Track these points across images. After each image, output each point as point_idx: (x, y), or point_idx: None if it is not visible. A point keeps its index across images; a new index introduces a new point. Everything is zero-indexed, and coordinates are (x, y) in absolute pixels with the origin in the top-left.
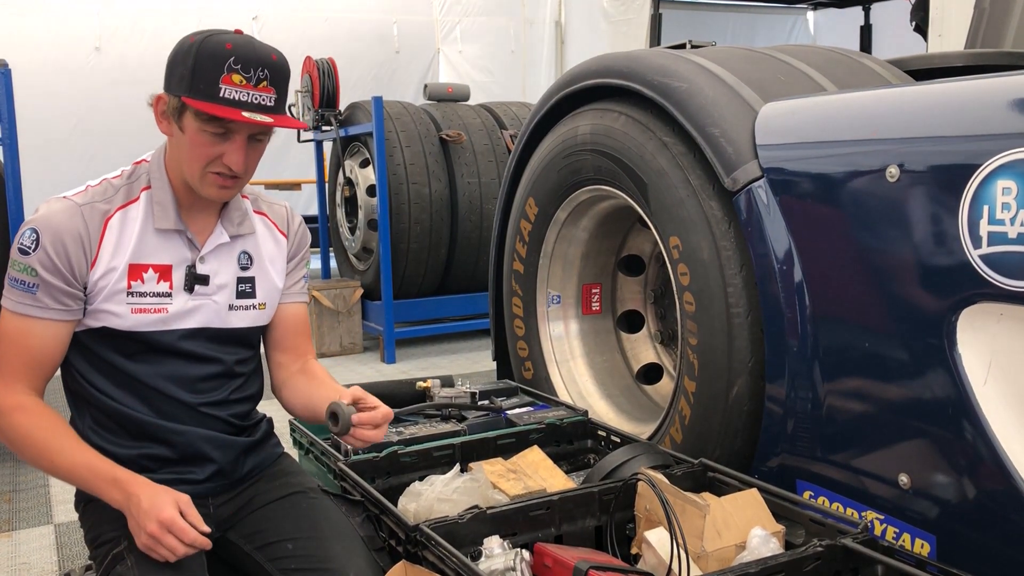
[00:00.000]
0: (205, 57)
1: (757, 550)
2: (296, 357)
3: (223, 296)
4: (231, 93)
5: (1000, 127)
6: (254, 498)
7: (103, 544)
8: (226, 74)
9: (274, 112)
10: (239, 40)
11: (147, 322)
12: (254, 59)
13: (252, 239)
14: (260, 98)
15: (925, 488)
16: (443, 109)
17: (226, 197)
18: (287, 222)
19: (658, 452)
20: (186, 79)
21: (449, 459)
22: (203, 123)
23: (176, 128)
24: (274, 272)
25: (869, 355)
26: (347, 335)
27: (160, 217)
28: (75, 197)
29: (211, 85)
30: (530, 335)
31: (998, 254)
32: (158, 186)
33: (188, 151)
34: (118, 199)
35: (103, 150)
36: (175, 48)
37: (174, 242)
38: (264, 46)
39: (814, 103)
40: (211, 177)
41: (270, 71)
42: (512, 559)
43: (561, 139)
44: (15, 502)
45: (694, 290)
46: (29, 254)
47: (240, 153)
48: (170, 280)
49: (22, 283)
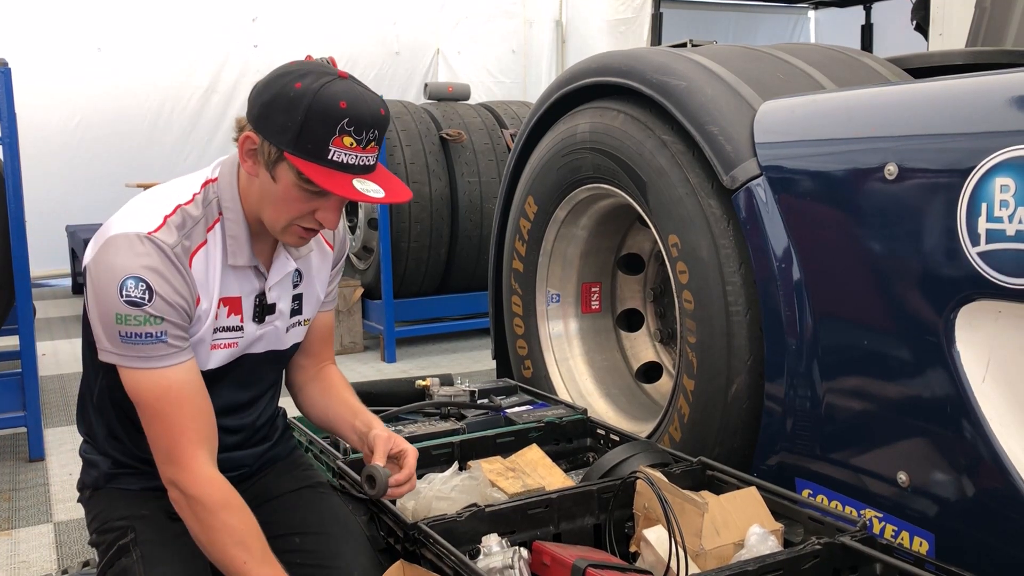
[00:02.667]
0: (317, 114)
1: (755, 548)
2: (317, 361)
3: (283, 320)
4: (340, 156)
5: (998, 124)
6: (265, 490)
7: (109, 531)
8: (338, 136)
9: (374, 171)
10: (352, 96)
11: (219, 357)
12: (368, 120)
13: (306, 257)
14: (366, 160)
15: (924, 486)
16: (443, 108)
17: (301, 245)
18: (333, 232)
19: (657, 450)
20: (291, 132)
21: (448, 457)
22: (303, 181)
23: (266, 174)
24: (318, 285)
25: (868, 353)
26: (347, 334)
27: (234, 253)
28: (160, 236)
29: (321, 147)
30: (529, 334)
31: (996, 251)
32: (232, 218)
33: (278, 203)
34: (198, 233)
35: (104, 150)
36: (277, 92)
37: (244, 273)
38: (374, 100)
39: (813, 101)
40: (295, 229)
41: (379, 130)
42: (510, 557)
43: (560, 138)
44: (15, 501)
45: (693, 288)
46: (144, 305)
47: (336, 212)
48: (240, 313)
49: (148, 336)
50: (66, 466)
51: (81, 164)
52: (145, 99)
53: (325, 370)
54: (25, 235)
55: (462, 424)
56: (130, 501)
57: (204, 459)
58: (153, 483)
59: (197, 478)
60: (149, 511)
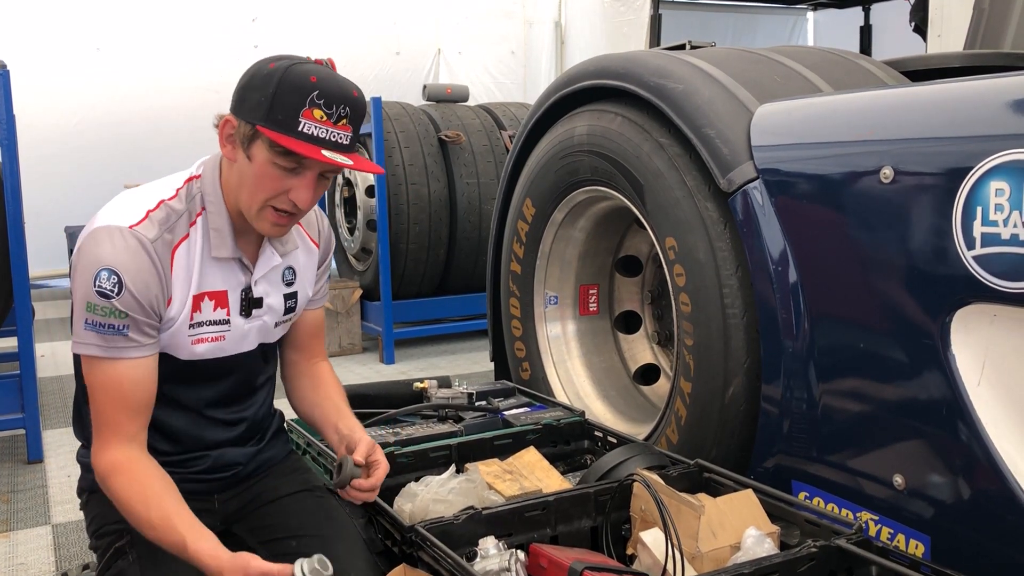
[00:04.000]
0: (287, 87)
1: (752, 551)
2: (308, 357)
3: (273, 315)
4: (311, 128)
5: (994, 128)
6: (261, 494)
7: (105, 535)
8: (308, 108)
9: (348, 151)
10: (323, 73)
11: (204, 351)
12: (338, 95)
13: (294, 254)
14: (338, 136)
15: (920, 489)
16: (442, 110)
17: (278, 234)
18: (318, 229)
19: (654, 453)
20: (263, 107)
21: (446, 460)
22: (276, 156)
23: (242, 155)
24: (307, 281)
25: (864, 356)
26: (346, 335)
27: (217, 245)
28: (142, 230)
29: (291, 118)
30: (527, 336)
31: (991, 255)
32: (214, 211)
33: (253, 182)
34: (180, 227)
35: (103, 151)
36: (251, 72)
37: (229, 267)
38: (347, 81)
39: (809, 104)
40: (269, 212)
41: (351, 108)
42: (507, 560)
43: (558, 140)
44: (13, 502)
45: (690, 291)
46: (112, 298)
47: (309, 190)
48: (226, 306)
49: (110, 327)
50: (64, 468)
51: (80, 165)
52: (145, 100)
53: (317, 366)
54: (24, 236)
55: (460, 426)
56: None
57: (113, 442)
58: None
59: (102, 456)
60: None
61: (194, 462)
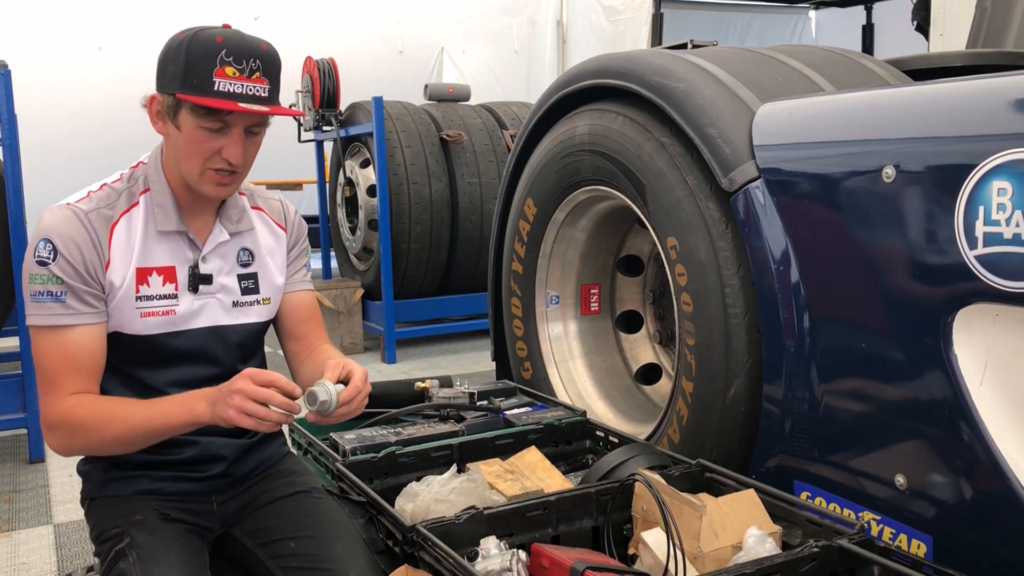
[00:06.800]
0: (196, 52)
1: (753, 550)
2: (308, 344)
3: (227, 294)
4: (226, 86)
5: (996, 128)
6: (259, 496)
7: (107, 540)
8: (219, 67)
9: (268, 103)
10: (229, 33)
11: (155, 324)
12: (246, 51)
13: (251, 235)
14: (255, 89)
15: (922, 489)
16: (443, 109)
17: (225, 194)
18: (283, 215)
19: (656, 453)
20: (179, 75)
21: (447, 459)
22: (200, 118)
23: (172, 127)
24: (274, 266)
25: (866, 356)
26: (348, 335)
27: (161, 220)
28: (80, 204)
29: (205, 79)
30: (529, 335)
31: (994, 255)
32: (157, 188)
33: (185, 149)
34: (121, 204)
35: (104, 150)
36: (165, 47)
37: (176, 243)
38: (254, 38)
39: (811, 103)
40: (210, 174)
41: (262, 62)
42: (509, 560)
43: (560, 139)
44: (15, 502)
45: (692, 291)
46: (49, 264)
47: (239, 146)
48: (175, 281)
49: (48, 294)
50: (66, 468)
51: (81, 164)
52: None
53: (317, 349)
54: (26, 236)
55: (461, 426)
56: (123, 507)
57: (63, 394)
58: (144, 487)
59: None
60: (142, 515)
61: (179, 449)
